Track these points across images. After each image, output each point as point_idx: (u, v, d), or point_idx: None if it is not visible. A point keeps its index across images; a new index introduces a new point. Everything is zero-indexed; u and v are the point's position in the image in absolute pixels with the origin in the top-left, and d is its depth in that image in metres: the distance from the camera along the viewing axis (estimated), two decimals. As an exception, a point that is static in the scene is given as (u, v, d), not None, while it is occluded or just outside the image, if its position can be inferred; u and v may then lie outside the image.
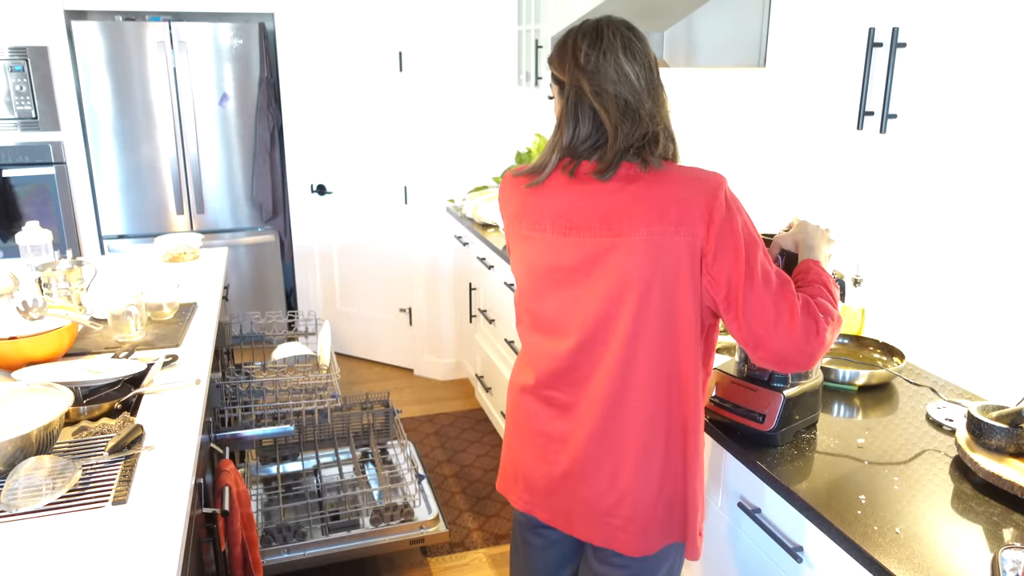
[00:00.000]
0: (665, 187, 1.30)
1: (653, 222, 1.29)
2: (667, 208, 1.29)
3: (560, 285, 1.41)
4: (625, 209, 1.31)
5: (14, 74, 3.72)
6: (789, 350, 1.29)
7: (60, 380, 1.70)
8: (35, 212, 3.91)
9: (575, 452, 1.43)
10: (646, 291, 1.31)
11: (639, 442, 1.38)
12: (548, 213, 1.40)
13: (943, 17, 1.43)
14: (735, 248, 1.27)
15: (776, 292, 1.29)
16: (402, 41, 3.83)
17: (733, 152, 2.60)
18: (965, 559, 1.19)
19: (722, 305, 1.30)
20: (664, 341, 1.34)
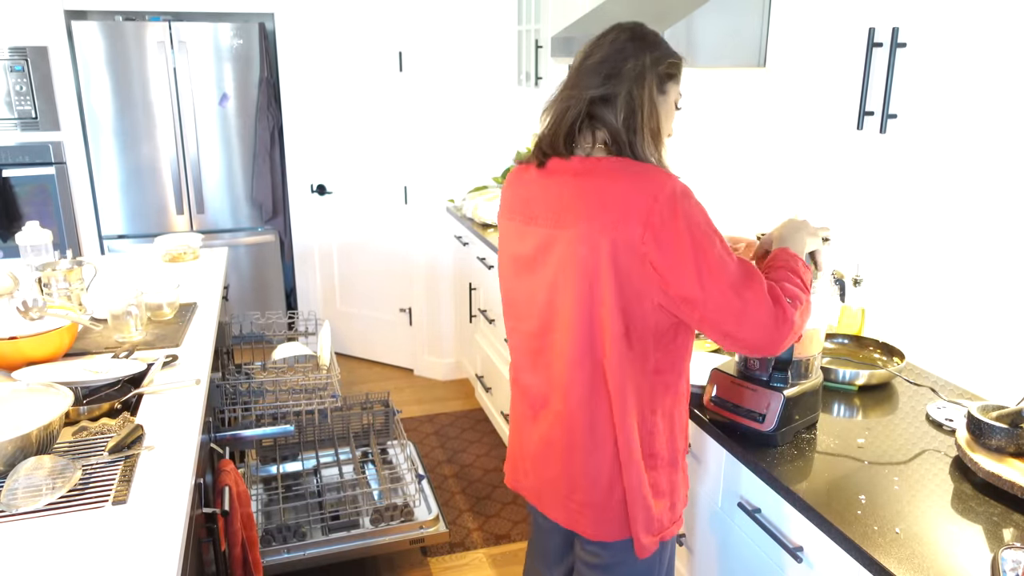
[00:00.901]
0: (611, 184, 1.32)
1: (593, 218, 1.31)
2: (608, 206, 1.30)
3: (523, 272, 1.48)
4: (571, 203, 1.35)
5: (14, 74, 3.72)
6: (759, 338, 1.29)
7: (60, 380, 1.70)
8: (35, 212, 3.91)
9: (541, 433, 1.49)
10: (582, 284, 1.34)
11: (584, 431, 1.41)
12: (519, 202, 1.48)
13: (943, 17, 1.43)
14: (680, 249, 1.26)
15: (739, 283, 1.28)
16: (402, 41, 3.83)
17: (733, 152, 2.60)
18: (965, 559, 1.19)
19: (684, 306, 1.30)
20: (591, 338, 1.36)
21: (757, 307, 1.28)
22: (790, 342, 1.33)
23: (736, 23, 1.99)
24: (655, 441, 1.42)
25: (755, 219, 2.50)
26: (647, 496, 1.42)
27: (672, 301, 1.30)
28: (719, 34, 2.00)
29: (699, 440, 1.76)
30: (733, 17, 1.99)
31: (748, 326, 1.28)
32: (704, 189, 2.78)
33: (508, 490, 3.12)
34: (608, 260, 1.30)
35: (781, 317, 1.29)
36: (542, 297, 1.43)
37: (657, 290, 1.30)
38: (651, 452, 1.42)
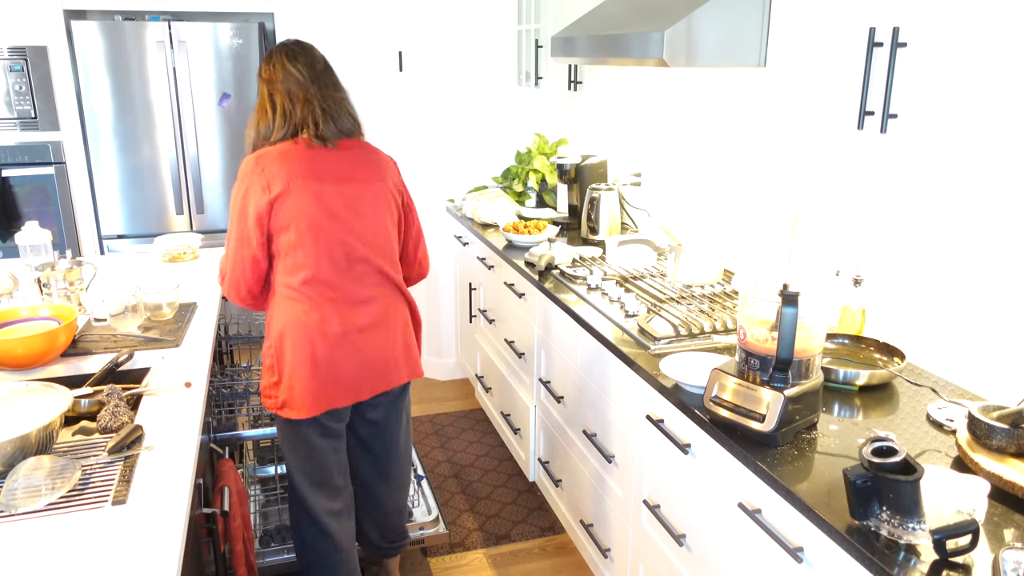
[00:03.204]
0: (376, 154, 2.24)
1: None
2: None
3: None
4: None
5: (13, 74, 3.72)
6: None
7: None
8: (35, 212, 3.90)
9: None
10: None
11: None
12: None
13: (943, 17, 1.43)
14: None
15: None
16: (402, 41, 3.83)
17: (733, 152, 2.59)
18: (965, 559, 1.19)
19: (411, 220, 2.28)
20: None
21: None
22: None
23: (736, 23, 1.99)
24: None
25: (755, 219, 2.50)
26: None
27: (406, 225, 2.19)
28: (719, 34, 2.00)
29: (699, 440, 1.76)
30: (733, 17, 1.99)
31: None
32: (704, 189, 2.78)
33: (508, 490, 3.12)
34: (394, 201, 2.18)
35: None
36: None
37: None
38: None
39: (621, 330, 2.19)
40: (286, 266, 1.98)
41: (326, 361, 2.00)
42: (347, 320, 2.01)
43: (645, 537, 2.08)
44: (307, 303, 1.98)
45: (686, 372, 1.89)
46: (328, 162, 2.01)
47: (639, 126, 3.22)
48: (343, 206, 2.01)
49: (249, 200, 1.94)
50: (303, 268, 1.97)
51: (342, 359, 2.01)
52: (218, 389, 2.37)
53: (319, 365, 1.99)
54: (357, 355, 2.04)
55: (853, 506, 1.26)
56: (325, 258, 1.98)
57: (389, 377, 2.12)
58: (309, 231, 1.96)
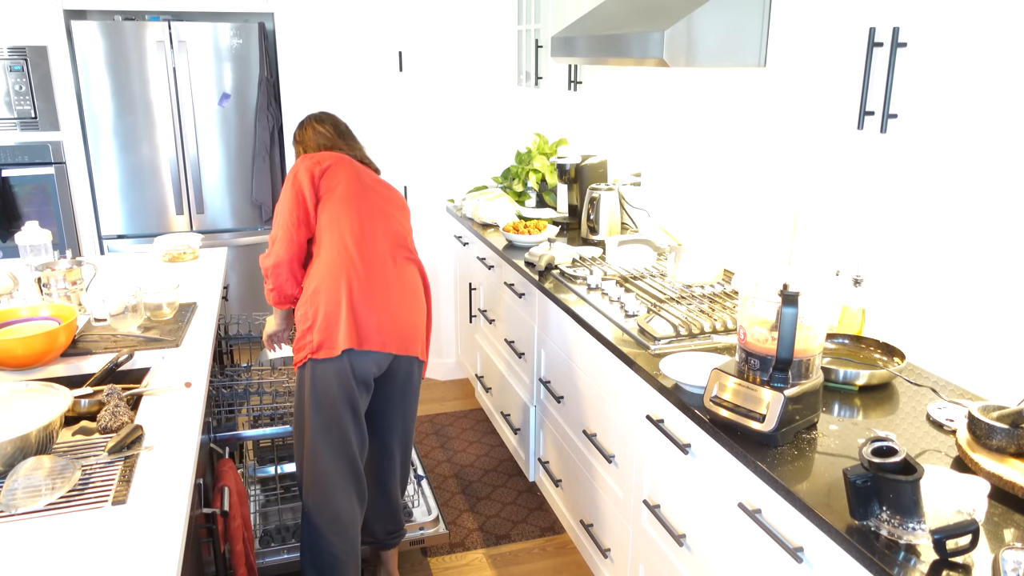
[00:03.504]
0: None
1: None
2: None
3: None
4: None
5: (13, 74, 3.72)
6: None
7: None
8: (35, 212, 3.90)
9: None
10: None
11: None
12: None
13: (943, 17, 1.43)
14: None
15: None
16: (402, 41, 3.83)
17: (733, 152, 2.59)
18: (965, 559, 1.19)
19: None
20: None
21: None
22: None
23: (736, 23, 1.99)
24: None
25: (755, 219, 2.50)
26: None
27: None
28: (719, 34, 2.00)
29: (699, 440, 1.76)
30: (733, 17, 1.99)
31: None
32: (704, 189, 2.78)
33: (508, 490, 3.12)
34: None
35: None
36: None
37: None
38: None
39: (621, 330, 2.19)
40: (331, 222, 2.21)
41: (361, 302, 2.16)
42: (382, 276, 2.21)
43: (645, 537, 2.08)
44: (347, 254, 2.18)
45: (686, 372, 1.89)
46: (367, 174, 2.35)
47: (639, 126, 3.22)
48: (378, 191, 2.32)
49: (301, 180, 2.22)
50: (345, 224, 2.21)
51: (375, 304, 2.18)
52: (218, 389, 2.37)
53: (353, 304, 2.15)
54: (388, 307, 2.20)
55: (853, 506, 1.26)
56: (367, 220, 2.23)
57: (410, 343, 2.25)
58: (351, 194, 2.24)
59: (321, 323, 2.14)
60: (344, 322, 2.13)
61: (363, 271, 2.18)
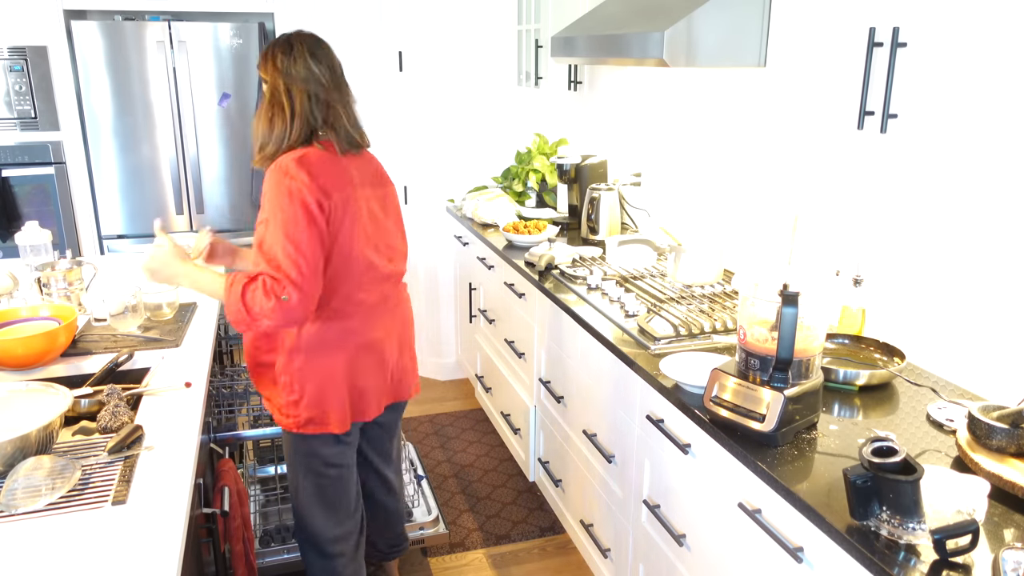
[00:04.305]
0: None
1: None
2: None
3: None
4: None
5: (13, 74, 3.72)
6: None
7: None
8: (35, 212, 3.90)
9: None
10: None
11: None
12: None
13: (943, 17, 1.43)
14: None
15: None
16: (402, 41, 3.83)
17: (733, 152, 2.59)
18: (965, 559, 1.19)
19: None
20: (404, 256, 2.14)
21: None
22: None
23: (736, 23, 1.99)
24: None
25: (755, 219, 2.50)
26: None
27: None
28: (719, 34, 2.00)
29: (699, 440, 1.76)
30: (733, 17, 1.99)
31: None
32: (704, 189, 2.78)
33: (508, 490, 3.12)
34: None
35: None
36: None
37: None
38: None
39: (621, 330, 2.19)
40: (332, 278, 1.88)
41: (357, 372, 1.95)
42: (374, 329, 1.96)
43: (645, 537, 2.08)
44: (341, 316, 1.90)
45: (686, 372, 1.89)
46: (359, 168, 1.96)
47: (639, 126, 3.22)
48: (380, 209, 2.00)
49: (309, 203, 1.76)
50: (340, 281, 1.88)
51: (370, 369, 1.97)
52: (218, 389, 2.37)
53: (350, 376, 1.94)
54: (382, 365, 2.01)
55: (853, 506, 1.26)
56: (364, 268, 1.91)
57: (402, 388, 2.12)
58: (356, 242, 1.88)
59: (310, 399, 1.91)
60: (345, 398, 1.95)
61: (362, 328, 1.94)
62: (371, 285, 1.94)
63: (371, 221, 1.94)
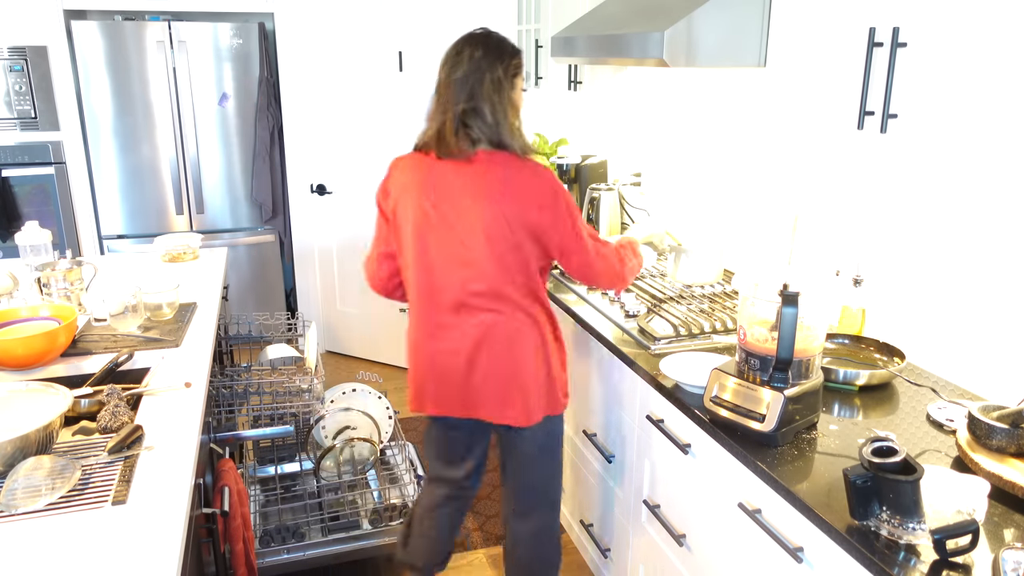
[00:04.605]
0: (511, 173, 1.84)
1: (497, 196, 1.84)
2: (510, 188, 1.84)
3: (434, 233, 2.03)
4: (472, 186, 1.87)
5: (13, 74, 3.72)
6: (600, 274, 1.97)
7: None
8: (35, 212, 3.90)
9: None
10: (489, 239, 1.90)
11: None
12: (420, 182, 1.97)
13: (943, 17, 1.43)
14: (561, 218, 1.88)
15: (594, 241, 1.96)
16: (402, 41, 3.83)
17: (734, 152, 2.59)
18: (965, 559, 1.19)
19: (561, 256, 1.93)
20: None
21: (604, 257, 1.94)
22: (625, 283, 2.03)
23: (736, 23, 1.99)
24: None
25: (755, 219, 2.50)
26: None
27: (556, 252, 1.88)
28: (719, 34, 2.00)
29: (699, 440, 1.76)
30: (733, 17, 1.99)
31: (598, 267, 1.93)
32: (704, 189, 2.78)
33: (508, 490, 3.12)
34: (511, 225, 1.80)
35: (621, 263, 1.99)
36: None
37: (541, 246, 1.86)
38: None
39: (621, 330, 2.19)
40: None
41: (414, 366, 2.01)
42: (417, 330, 1.98)
43: (645, 537, 2.08)
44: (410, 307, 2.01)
45: (686, 372, 1.89)
46: (455, 176, 1.92)
47: (639, 126, 3.22)
48: (457, 220, 1.94)
49: (378, 197, 2.00)
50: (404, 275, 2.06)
51: (423, 368, 1.98)
52: (218, 389, 2.37)
53: (413, 367, 2.02)
54: (432, 368, 1.96)
55: (853, 506, 1.26)
56: (413, 272, 2.00)
57: (471, 404, 1.96)
58: (410, 245, 2.03)
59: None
60: (411, 385, 2.06)
61: (411, 332, 2.05)
62: (422, 289, 1.93)
63: (431, 229, 1.87)
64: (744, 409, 1.57)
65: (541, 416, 1.96)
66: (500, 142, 1.83)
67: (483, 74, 1.81)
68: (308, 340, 2.68)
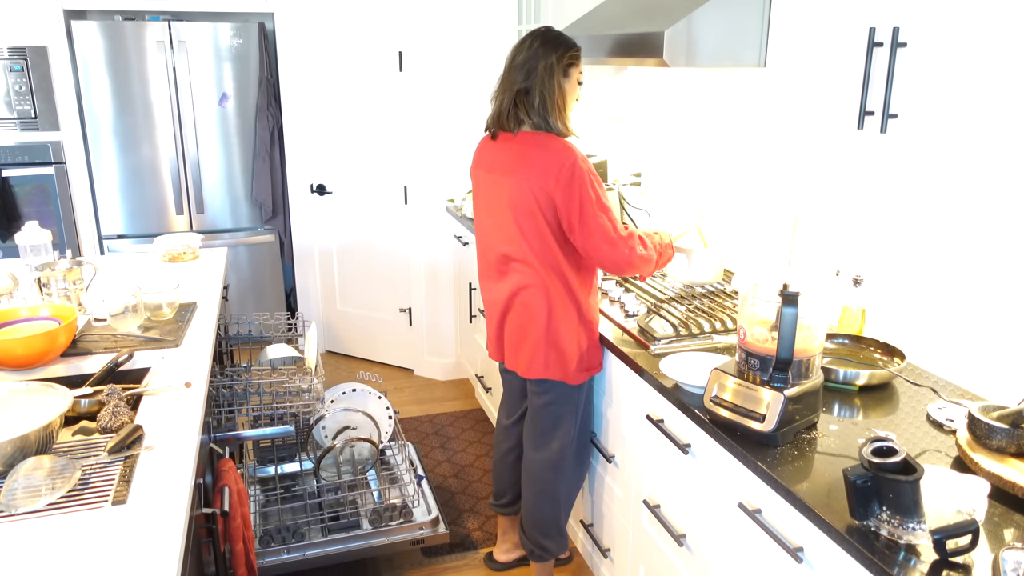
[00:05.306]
0: (536, 151, 2.06)
1: (524, 171, 2.07)
2: (533, 165, 2.05)
3: (488, 206, 2.34)
4: (511, 161, 2.11)
5: (13, 74, 3.72)
6: (609, 260, 2.07)
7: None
8: (35, 212, 3.90)
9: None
10: (518, 213, 2.13)
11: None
12: (484, 160, 2.26)
13: (943, 17, 1.43)
14: (572, 196, 2.03)
15: (612, 223, 2.08)
16: (402, 41, 3.83)
17: (733, 152, 2.59)
18: (965, 559, 1.19)
19: (570, 232, 2.08)
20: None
21: (612, 242, 2.06)
22: (633, 271, 2.11)
23: (736, 23, 1.99)
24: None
25: (755, 219, 2.50)
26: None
27: (566, 226, 2.06)
28: (719, 34, 2.00)
29: (699, 440, 1.76)
30: (733, 17, 1.99)
31: (604, 250, 2.05)
32: (704, 189, 2.78)
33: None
34: (532, 197, 2.04)
35: (630, 251, 2.08)
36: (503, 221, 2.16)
37: (555, 219, 2.06)
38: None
39: (621, 330, 2.19)
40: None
41: (487, 314, 2.33)
42: (487, 286, 2.29)
43: (645, 537, 2.08)
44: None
45: (686, 372, 1.89)
46: (501, 152, 2.19)
47: (639, 126, 3.22)
48: (496, 193, 2.22)
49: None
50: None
51: (489, 317, 2.32)
52: (218, 389, 2.37)
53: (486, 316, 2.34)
54: (490, 320, 2.31)
55: (853, 506, 1.26)
56: (478, 236, 2.31)
57: (511, 356, 2.27)
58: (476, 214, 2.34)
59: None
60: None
61: (483, 279, 2.33)
62: (479, 251, 2.30)
63: (487, 201, 2.19)
64: (744, 409, 1.57)
65: (541, 374, 2.18)
66: (544, 123, 2.06)
67: (538, 61, 2.02)
68: (308, 340, 2.68)
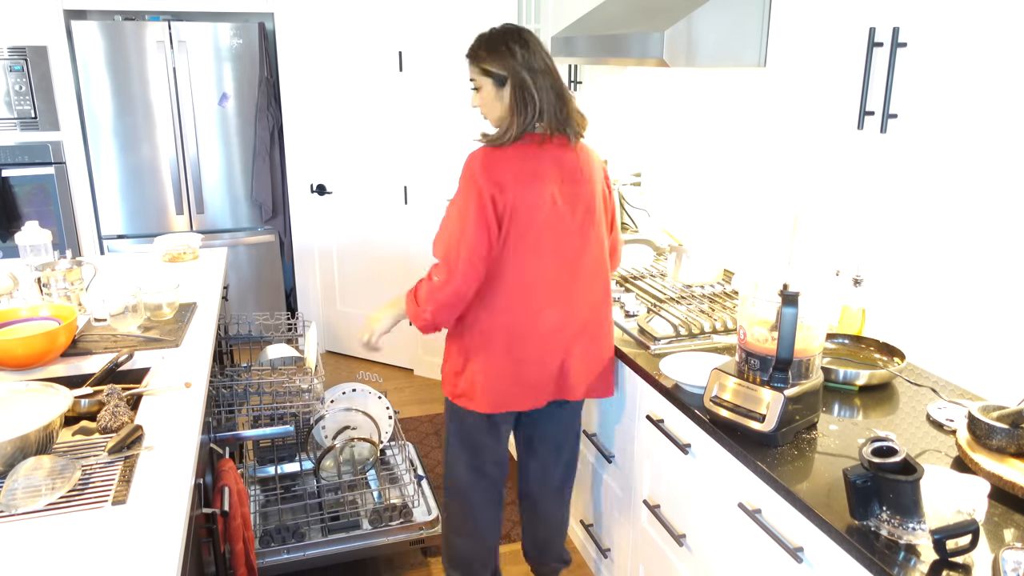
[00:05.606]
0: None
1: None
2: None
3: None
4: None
5: (13, 74, 3.72)
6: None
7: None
8: (35, 212, 3.90)
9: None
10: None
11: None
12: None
13: (943, 17, 1.43)
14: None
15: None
16: (402, 41, 3.83)
17: (733, 152, 2.59)
18: (965, 559, 1.19)
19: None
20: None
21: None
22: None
23: (736, 23, 1.99)
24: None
25: (755, 219, 2.50)
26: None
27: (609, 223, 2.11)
28: (719, 34, 2.00)
29: (699, 440, 1.76)
30: (733, 17, 1.99)
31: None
32: (704, 189, 2.78)
33: (508, 490, 3.12)
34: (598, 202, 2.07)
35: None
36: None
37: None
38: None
39: (621, 330, 2.19)
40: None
41: (519, 360, 1.95)
42: (547, 321, 1.95)
43: (645, 537, 2.08)
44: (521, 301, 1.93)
45: (686, 372, 1.89)
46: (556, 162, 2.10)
47: (639, 126, 3.22)
48: (565, 205, 2.05)
49: (485, 201, 1.92)
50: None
51: (533, 360, 1.96)
52: (218, 389, 2.37)
53: (512, 363, 1.96)
54: (543, 358, 1.97)
55: (853, 506, 1.26)
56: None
57: (584, 380, 2.03)
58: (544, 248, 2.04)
59: (469, 375, 2.02)
60: (499, 384, 2.03)
61: (537, 316, 1.99)
62: (547, 275, 1.94)
63: (568, 216, 1.95)
64: (744, 409, 1.57)
65: (613, 388, 2.14)
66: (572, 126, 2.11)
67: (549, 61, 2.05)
68: (308, 340, 2.68)
